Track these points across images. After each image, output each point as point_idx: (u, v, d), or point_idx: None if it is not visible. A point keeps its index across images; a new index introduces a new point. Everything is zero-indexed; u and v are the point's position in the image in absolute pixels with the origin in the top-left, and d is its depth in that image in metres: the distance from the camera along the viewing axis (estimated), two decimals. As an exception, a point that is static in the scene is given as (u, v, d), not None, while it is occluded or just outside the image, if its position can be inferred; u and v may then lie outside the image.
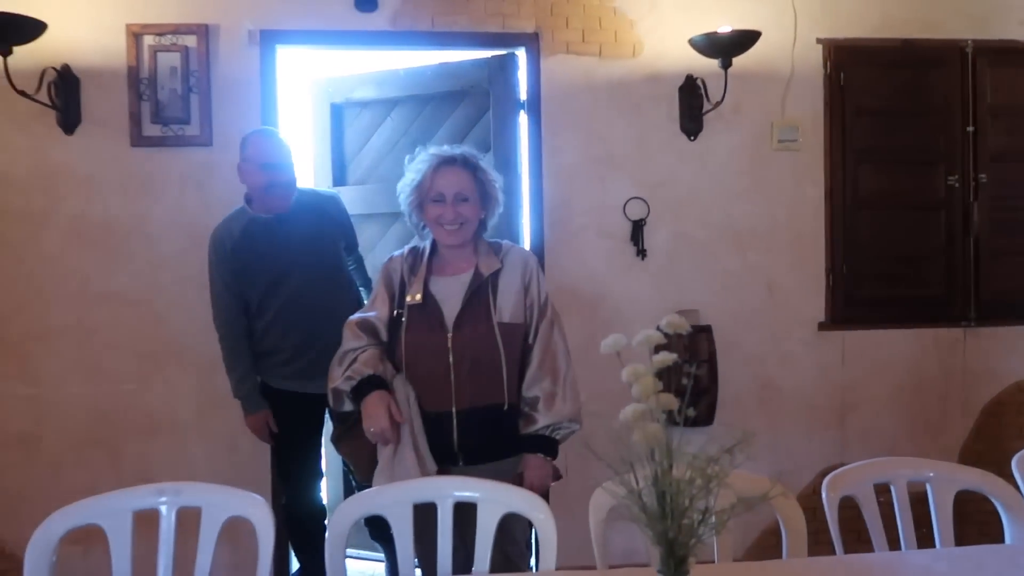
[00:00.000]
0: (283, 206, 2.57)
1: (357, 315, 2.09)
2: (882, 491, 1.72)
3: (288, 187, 2.56)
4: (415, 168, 2.10)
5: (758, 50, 2.99)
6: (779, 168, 3.21)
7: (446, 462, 1.96)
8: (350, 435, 2.01)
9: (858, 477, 1.67)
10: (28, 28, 2.58)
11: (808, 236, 3.23)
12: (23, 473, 2.91)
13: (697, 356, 3.06)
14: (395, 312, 2.04)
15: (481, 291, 2.04)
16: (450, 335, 1.98)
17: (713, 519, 0.97)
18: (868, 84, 3.24)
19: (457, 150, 2.10)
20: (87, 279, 2.93)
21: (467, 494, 1.59)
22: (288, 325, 2.61)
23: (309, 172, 3.48)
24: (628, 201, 3.14)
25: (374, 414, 1.88)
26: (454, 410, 1.97)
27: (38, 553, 1.44)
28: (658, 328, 1.09)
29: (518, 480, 1.94)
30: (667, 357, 1.00)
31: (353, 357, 1.99)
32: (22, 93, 2.68)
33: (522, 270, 2.08)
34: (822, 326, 3.24)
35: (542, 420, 1.97)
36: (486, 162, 2.13)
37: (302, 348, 2.61)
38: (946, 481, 1.71)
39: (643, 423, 0.95)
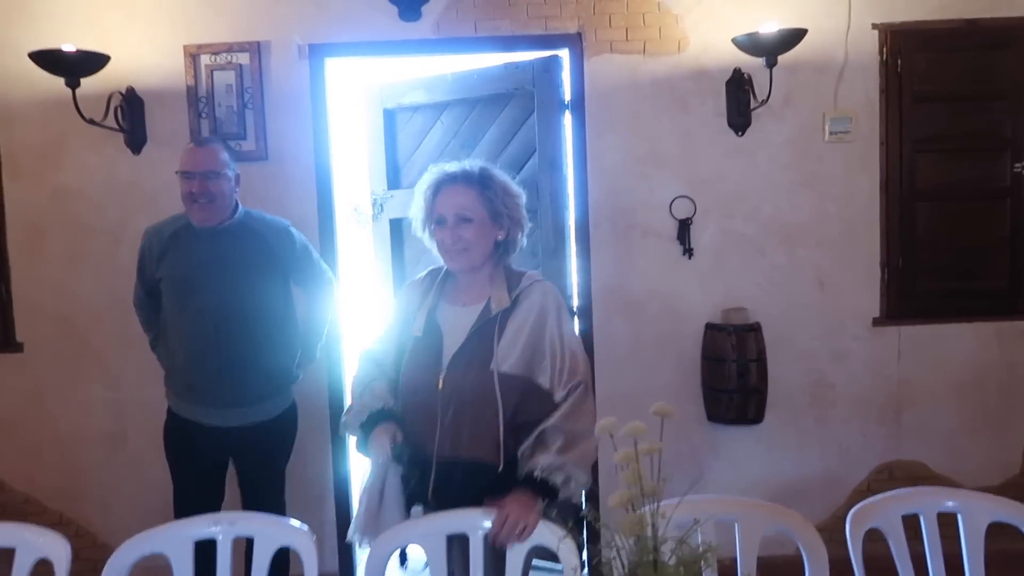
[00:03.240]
0: (204, 219, 2.48)
1: (369, 344, 2.00)
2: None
3: (211, 199, 2.46)
4: (420, 188, 1.92)
5: (809, 39, 2.91)
6: (831, 160, 3.14)
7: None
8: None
9: (885, 509, 1.68)
10: (94, 62, 2.75)
11: (862, 230, 3.16)
12: (111, 470, 3.16)
13: (746, 355, 3.06)
14: (404, 343, 1.92)
15: (486, 330, 1.83)
16: (443, 375, 1.81)
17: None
18: (928, 69, 3.11)
19: (459, 167, 1.89)
20: (159, 289, 3.13)
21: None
22: (184, 340, 2.54)
23: (364, 176, 3.59)
24: (674, 200, 3.13)
25: (375, 446, 1.79)
26: (434, 456, 1.79)
27: (111, 581, 1.60)
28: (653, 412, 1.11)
29: (496, 512, 1.69)
30: (654, 445, 1.04)
31: (363, 389, 1.91)
32: (91, 122, 2.85)
33: (537, 316, 1.83)
34: (877, 321, 3.18)
35: (547, 459, 1.73)
36: (503, 176, 1.92)
37: (191, 367, 2.54)
38: (978, 512, 1.69)
39: (627, 512, 1.00)
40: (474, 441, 1.77)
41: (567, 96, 3.14)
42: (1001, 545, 1.83)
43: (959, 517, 1.71)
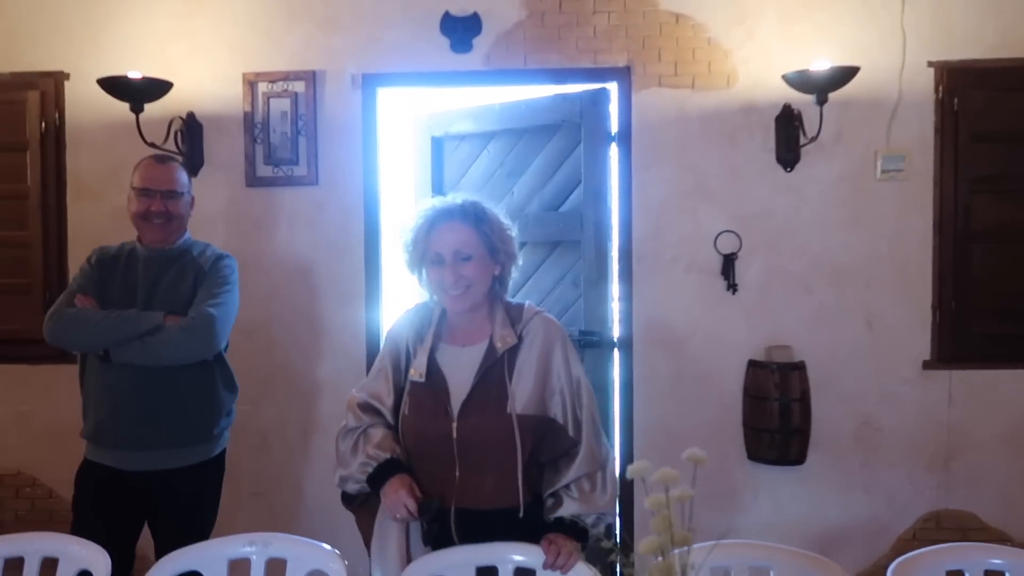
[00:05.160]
0: (156, 239, 2.36)
1: (359, 392, 1.87)
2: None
3: (167, 220, 2.35)
4: (412, 224, 1.83)
5: (862, 76, 2.88)
6: (883, 199, 3.08)
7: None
8: (362, 511, 1.84)
9: (928, 564, 1.63)
10: (158, 88, 2.87)
11: (913, 270, 3.09)
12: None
13: (789, 394, 3.00)
14: (400, 387, 1.82)
15: (495, 371, 1.75)
16: (455, 423, 1.72)
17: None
18: (985, 108, 3.05)
19: (456, 200, 1.82)
20: (209, 308, 3.21)
21: (524, 558, 1.67)
22: (103, 368, 2.32)
23: (411, 203, 3.65)
24: (720, 234, 3.10)
25: (394, 503, 1.69)
26: (453, 508, 1.72)
27: (148, 596, 1.64)
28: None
29: (546, 546, 1.67)
30: (685, 492, 1.03)
31: (356, 437, 1.80)
32: (152, 145, 2.97)
33: (543, 349, 1.78)
34: (927, 364, 3.09)
35: (573, 507, 1.72)
36: (493, 209, 1.85)
37: (107, 402, 2.33)
38: (1027, 571, 1.63)
39: (657, 560, 0.99)
40: (497, 490, 1.72)
41: (614, 128, 3.16)
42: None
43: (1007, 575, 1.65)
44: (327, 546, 1.73)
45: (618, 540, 1.23)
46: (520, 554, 1.68)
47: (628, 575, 1.02)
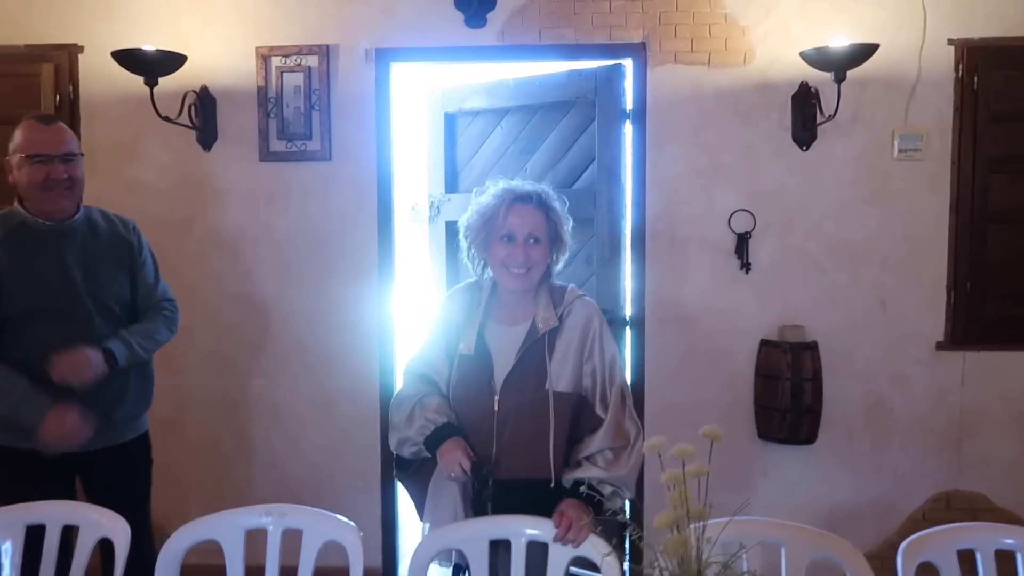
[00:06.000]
0: (62, 209, 2.16)
1: (416, 360, 1.98)
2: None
3: (71, 186, 2.15)
4: (485, 201, 1.94)
5: (880, 54, 2.84)
6: (899, 179, 3.05)
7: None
8: (414, 478, 1.96)
9: (940, 542, 1.63)
10: (172, 62, 2.86)
11: (928, 251, 3.07)
12: (168, 455, 3.26)
13: (801, 374, 3.00)
14: (451, 359, 1.93)
15: (535, 350, 1.87)
16: (497, 397, 1.85)
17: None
18: (1005, 88, 3.01)
19: (530, 187, 1.93)
20: (222, 282, 3.22)
21: (538, 533, 1.68)
22: (43, 361, 2.06)
23: (423, 178, 3.65)
24: (734, 213, 3.09)
25: (450, 462, 1.79)
26: (491, 479, 1.83)
27: (167, 564, 1.67)
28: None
29: (556, 519, 1.70)
30: (702, 467, 1.03)
31: (411, 406, 1.91)
32: (166, 119, 2.97)
33: (583, 332, 1.88)
34: (940, 345, 3.08)
35: (592, 471, 1.79)
36: (560, 202, 1.97)
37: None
38: (1039, 551, 1.63)
39: (671, 533, 1.00)
40: (532, 460, 1.81)
41: (629, 105, 3.13)
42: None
43: (1018, 556, 1.65)
44: (343, 518, 1.75)
45: (628, 515, 1.24)
46: (533, 527, 1.69)
47: (641, 548, 1.03)
